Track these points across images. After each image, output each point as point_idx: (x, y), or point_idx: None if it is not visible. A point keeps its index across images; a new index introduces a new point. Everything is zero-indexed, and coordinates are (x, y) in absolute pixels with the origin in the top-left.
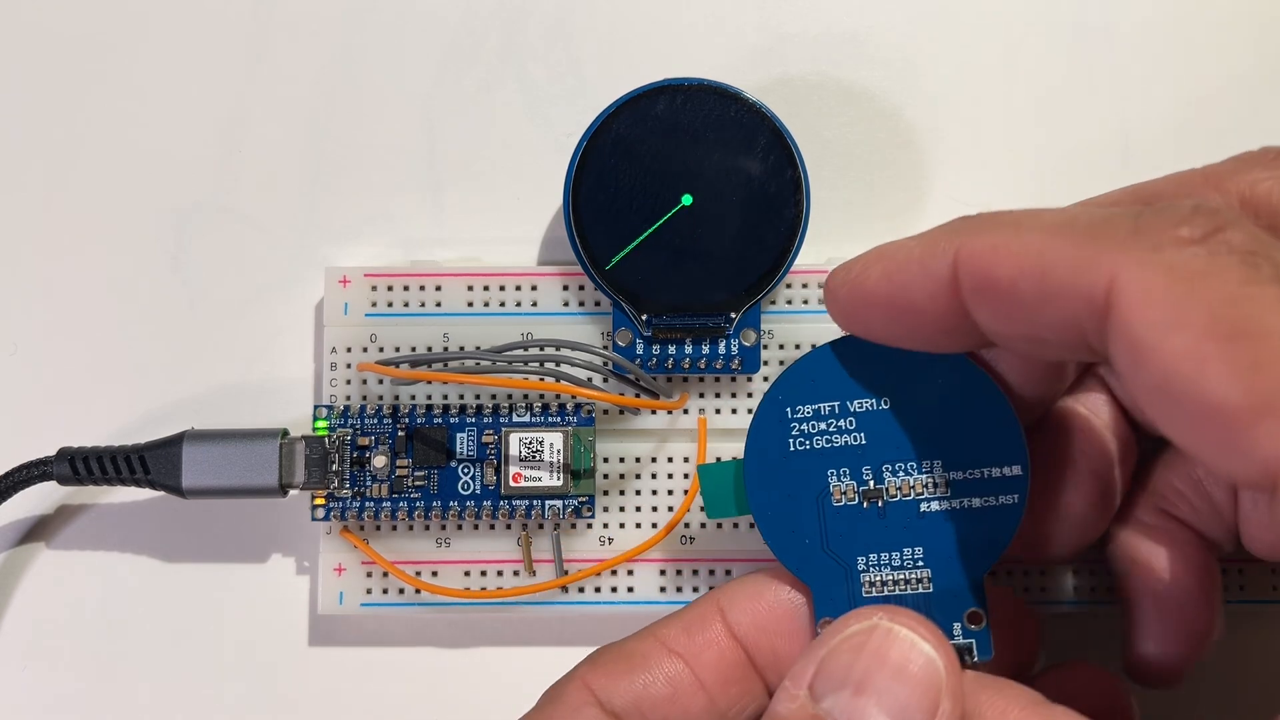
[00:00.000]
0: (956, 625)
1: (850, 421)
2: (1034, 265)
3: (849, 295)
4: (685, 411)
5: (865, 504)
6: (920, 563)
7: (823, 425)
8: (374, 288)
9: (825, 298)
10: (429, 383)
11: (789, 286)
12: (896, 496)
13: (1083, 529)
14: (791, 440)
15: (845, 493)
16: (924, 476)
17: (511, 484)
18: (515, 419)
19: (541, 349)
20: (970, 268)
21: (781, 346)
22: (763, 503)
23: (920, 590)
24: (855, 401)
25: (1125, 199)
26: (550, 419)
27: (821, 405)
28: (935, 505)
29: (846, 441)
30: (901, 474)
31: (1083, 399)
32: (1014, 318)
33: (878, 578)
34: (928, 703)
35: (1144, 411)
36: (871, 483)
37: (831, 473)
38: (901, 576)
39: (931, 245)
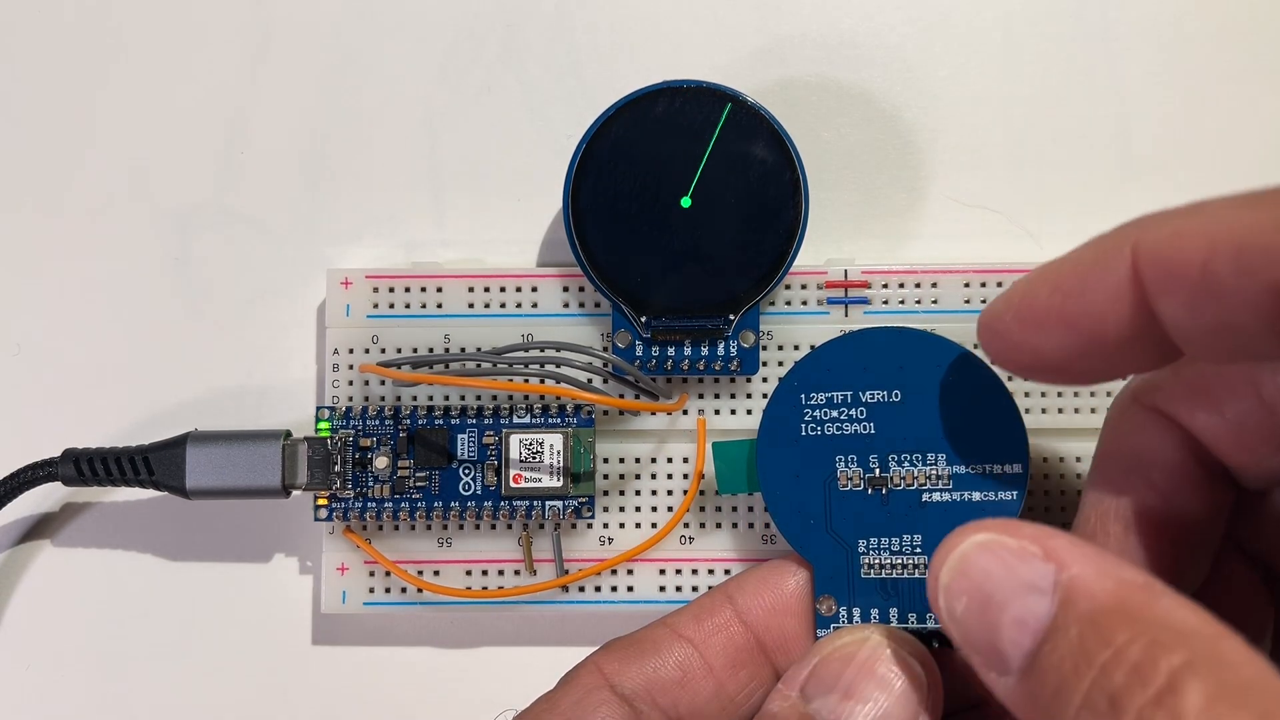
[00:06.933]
0: None
1: (861, 411)
2: (1228, 239)
3: (1017, 318)
4: (684, 413)
5: (870, 490)
6: (918, 549)
7: (835, 413)
8: (375, 289)
9: (982, 333)
10: (430, 384)
11: (788, 288)
12: (900, 485)
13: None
14: (804, 425)
15: (851, 478)
16: (928, 468)
17: (512, 485)
18: (515, 420)
19: (542, 350)
20: (1154, 256)
21: (780, 348)
22: (772, 482)
23: (916, 575)
24: (868, 392)
25: None
26: (550, 420)
27: (835, 394)
28: (937, 496)
29: (856, 430)
30: (907, 464)
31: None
32: (1206, 305)
33: (877, 560)
34: (908, 715)
35: None
36: (877, 470)
37: (840, 458)
38: (899, 561)
39: (1103, 246)
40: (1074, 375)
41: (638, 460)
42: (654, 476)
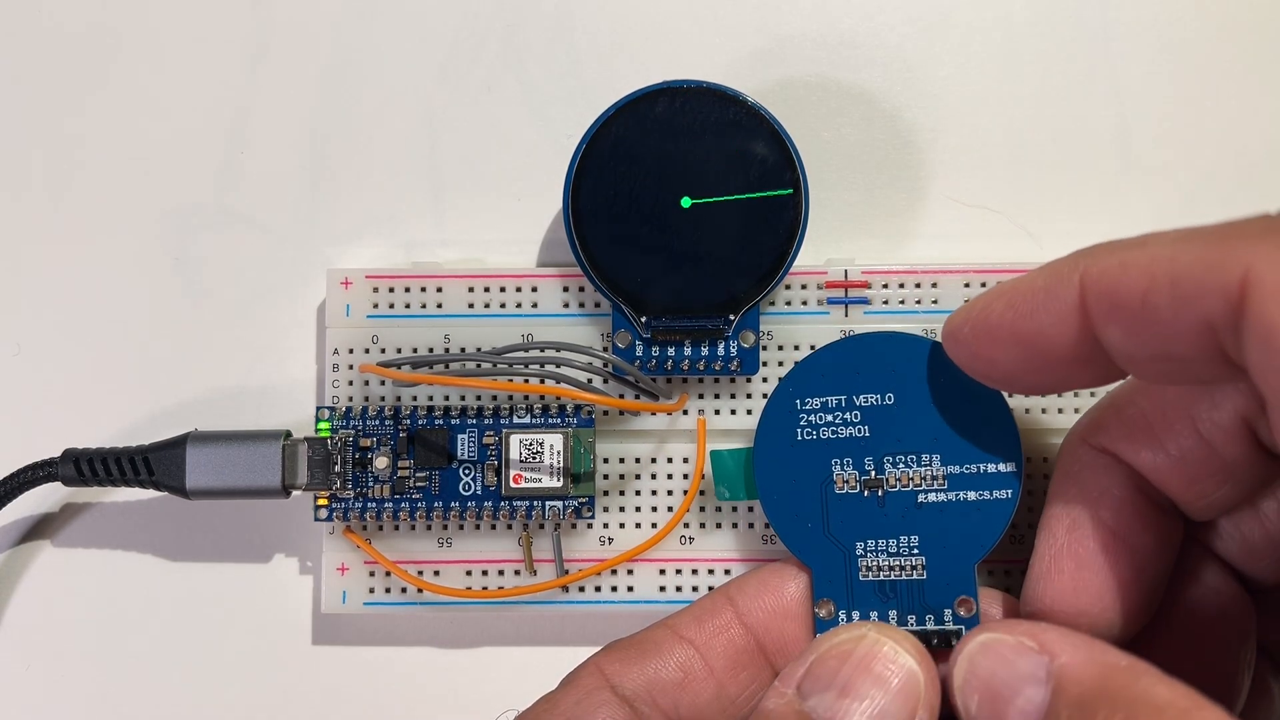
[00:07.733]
0: (947, 611)
1: (856, 414)
2: (1165, 272)
3: (973, 331)
4: (685, 413)
5: (866, 493)
6: (915, 550)
7: (830, 417)
8: (375, 289)
9: (945, 339)
10: (430, 384)
11: (788, 288)
12: (896, 487)
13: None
14: (799, 430)
15: (848, 481)
16: (923, 469)
17: (512, 485)
18: (515, 420)
19: (542, 350)
20: (1099, 287)
21: (780, 348)
22: (769, 488)
23: (914, 576)
24: (861, 396)
25: None
26: (550, 421)
27: (829, 398)
28: (932, 497)
29: (851, 433)
30: (902, 466)
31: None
32: (1145, 334)
33: (874, 563)
34: (906, 712)
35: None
36: (873, 473)
37: (835, 462)
38: (897, 563)
39: (1055, 272)
40: (1026, 386)
41: (638, 460)
42: (654, 477)
